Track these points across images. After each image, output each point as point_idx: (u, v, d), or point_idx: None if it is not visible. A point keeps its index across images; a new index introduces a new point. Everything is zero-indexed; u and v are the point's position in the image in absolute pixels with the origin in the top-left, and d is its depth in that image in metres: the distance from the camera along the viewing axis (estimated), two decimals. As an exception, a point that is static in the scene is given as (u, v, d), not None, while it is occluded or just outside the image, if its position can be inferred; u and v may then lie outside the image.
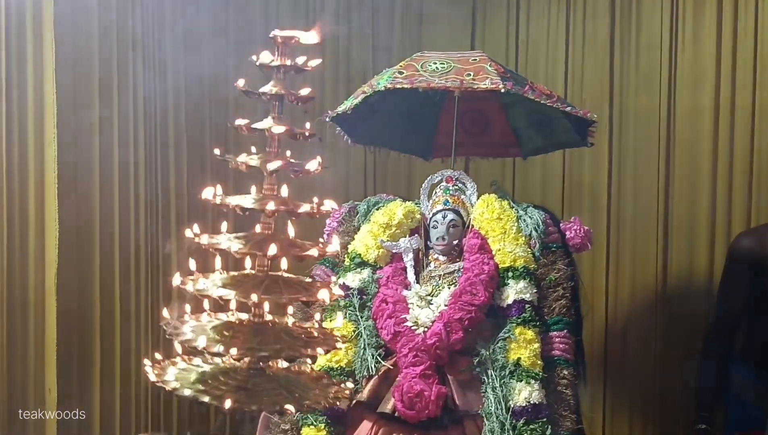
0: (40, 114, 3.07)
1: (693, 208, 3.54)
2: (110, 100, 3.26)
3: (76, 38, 3.13)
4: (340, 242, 2.76)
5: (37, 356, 3.08)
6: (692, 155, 3.54)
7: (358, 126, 3.09)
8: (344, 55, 3.82)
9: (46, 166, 3.08)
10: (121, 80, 3.26)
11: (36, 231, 3.08)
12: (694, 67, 3.52)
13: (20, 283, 3.08)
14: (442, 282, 2.62)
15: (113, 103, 3.26)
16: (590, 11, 3.66)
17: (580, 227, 2.71)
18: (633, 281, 3.64)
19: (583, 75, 3.67)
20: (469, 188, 2.79)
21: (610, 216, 3.64)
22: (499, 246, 2.61)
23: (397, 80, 2.73)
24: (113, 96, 3.26)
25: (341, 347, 1.38)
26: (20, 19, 3.02)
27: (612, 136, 3.63)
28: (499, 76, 2.66)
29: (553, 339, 2.53)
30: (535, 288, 2.57)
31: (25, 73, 3.04)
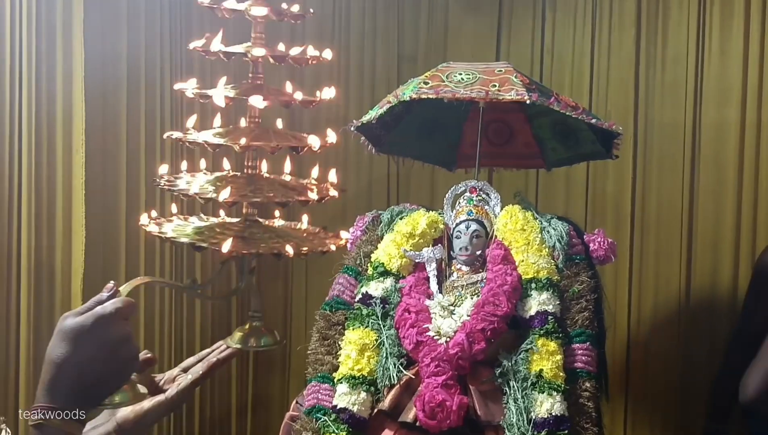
0: (68, 120, 3.11)
1: (717, 221, 3.52)
2: (138, 107, 3.30)
3: (104, 46, 3.17)
4: (363, 251, 2.78)
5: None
6: (717, 169, 3.52)
7: (383, 136, 3.10)
8: (369, 65, 3.84)
9: (74, 172, 3.12)
10: (149, 89, 3.30)
11: (63, 237, 3.12)
12: (721, 80, 3.51)
13: (48, 290, 3.12)
14: (464, 292, 2.62)
15: (140, 106, 3.30)
16: (616, 23, 3.65)
17: (604, 239, 2.70)
18: (656, 294, 3.62)
19: (608, 87, 3.67)
20: (493, 199, 2.79)
21: (633, 228, 3.63)
22: (522, 257, 2.61)
23: (422, 90, 2.73)
24: (140, 100, 3.29)
25: (334, 194, 1.35)
26: (50, 29, 3.06)
27: (636, 149, 3.62)
28: (524, 88, 2.66)
29: (576, 351, 2.52)
30: (558, 299, 2.56)
31: (54, 79, 3.08)
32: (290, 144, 1.32)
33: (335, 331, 2.64)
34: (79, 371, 1.14)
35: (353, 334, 2.56)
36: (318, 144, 1.31)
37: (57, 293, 3.13)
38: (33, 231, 3.08)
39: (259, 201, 1.27)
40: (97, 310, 1.16)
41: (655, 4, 3.60)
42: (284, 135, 1.33)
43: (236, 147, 1.28)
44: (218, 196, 1.24)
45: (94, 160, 3.15)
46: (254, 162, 1.32)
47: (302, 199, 1.30)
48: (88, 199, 3.12)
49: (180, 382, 1.37)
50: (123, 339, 1.17)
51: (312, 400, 2.52)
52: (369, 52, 3.84)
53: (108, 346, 1.15)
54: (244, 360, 3.76)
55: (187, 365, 1.41)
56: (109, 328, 1.15)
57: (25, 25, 3.00)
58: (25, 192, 3.05)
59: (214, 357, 1.39)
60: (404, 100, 2.75)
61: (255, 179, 1.32)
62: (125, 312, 1.18)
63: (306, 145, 1.31)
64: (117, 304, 1.17)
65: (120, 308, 1.17)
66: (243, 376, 3.78)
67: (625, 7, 3.63)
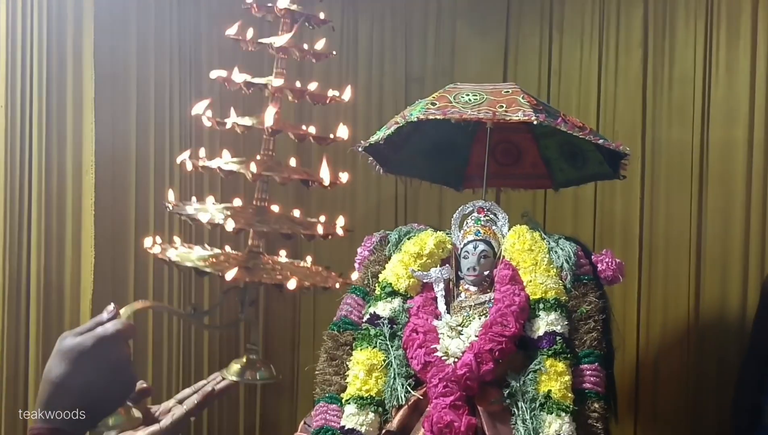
0: (78, 143, 3.13)
1: (726, 241, 3.51)
2: (147, 128, 3.32)
3: (114, 69, 3.20)
4: (371, 271, 2.78)
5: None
6: (725, 188, 3.52)
7: (390, 156, 3.11)
8: (377, 85, 3.86)
9: (84, 193, 3.14)
10: (158, 111, 3.32)
11: (72, 258, 3.14)
12: (728, 100, 3.51)
13: (57, 310, 3.13)
14: (472, 312, 2.62)
15: (150, 131, 3.32)
16: (623, 43, 3.67)
17: (612, 260, 2.70)
18: (665, 315, 3.61)
19: (615, 107, 3.68)
20: (501, 219, 2.79)
21: (642, 249, 3.63)
22: (530, 277, 2.61)
23: (429, 111, 2.74)
24: (150, 126, 3.32)
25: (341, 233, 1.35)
26: (61, 53, 3.09)
27: (644, 169, 3.62)
28: (531, 108, 2.67)
29: (584, 372, 2.51)
30: (566, 320, 2.55)
31: (64, 103, 3.11)
32: (301, 177, 1.32)
33: (343, 351, 2.64)
34: (76, 391, 1.13)
35: (361, 355, 2.56)
36: (328, 179, 1.32)
37: (66, 313, 3.14)
38: (43, 251, 3.09)
39: (265, 231, 1.28)
40: (98, 331, 1.16)
41: (662, 25, 3.61)
42: (296, 169, 1.34)
43: (248, 174, 1.29)
44: (226, 222, 1.25)
45: (104, 183, 3.17)
46: (263, 194, 1.33)
47: (308, 234, 1.30)
48: (97, 220, 3.14)
49: (174, 413, 1.36)
50: (122, 361, 1.17)
51: (320, 421, 2.52)
52: (377, 73, 3.86)
53: (107, 367, 1.15)
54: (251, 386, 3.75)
55: (182, 397, 1.40)
56: (108, 349, 1.15)
57: (36, 47, 3.03)
58: (35, 213, 3.07)
59: (209, 387, 1.38)
60: (412, 121, 2.76)
61: (263, 211, 1.33)
62: (126, 334, 1.17)
63: (317, 179, 1.32)
64: (118, 326, 1.17)
65: (120, 330, 1.16)
66: (251, 397, 3.78)
67: (631, 27, 3.65)
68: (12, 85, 2.99)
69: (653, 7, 3.62)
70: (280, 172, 1.31)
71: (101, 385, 1.15)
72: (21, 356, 3.08)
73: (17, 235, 3.06)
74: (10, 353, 3.05)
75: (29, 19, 3.00)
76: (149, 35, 3.33)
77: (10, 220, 3.02)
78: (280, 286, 1.25)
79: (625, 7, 3.66)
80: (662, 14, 3.62)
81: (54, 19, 3.05)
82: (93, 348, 1.14)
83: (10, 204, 3.03)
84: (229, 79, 1.34)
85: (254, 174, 1.28)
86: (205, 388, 1.38)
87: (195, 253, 1.30)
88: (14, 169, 3.04)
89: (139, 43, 3.29)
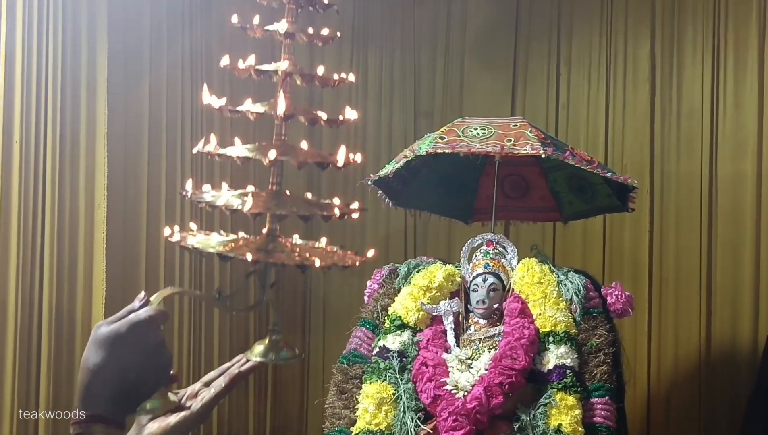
0: (91, 177, 3.16)
1: (736, 273, 3.50)
2: (159, 162, 3.36)
3: (127, 104, 3.24)
4: (381, 304, 2.79)
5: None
6: (734, 220, 3.52)
7: (400, 189, 3.13)
8: (386, 119, 3.90)
9: (96, 227, 3.16)
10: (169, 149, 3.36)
11: (84, 290, 3.15)
12: (736, 133, 3.53)
13: (68, 342, 3.14)
14: (482, 345, 2.62)
15: (161, 169, 3.36)
16: (630, 77, 3.69)
17: (622, 293, 2.70)
18: (676, 348, 3.59)
19: (623, 140, 3.69)
20: (510, 252, 2.80)
21: (651, 281, 3.62)
22: (539, 310, 2.61)
23: (438, 145, 2.76)
24: (162, 162, 3.35)
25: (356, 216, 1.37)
26: (75, 86, 3.13)
27: (653, 202, 3.63)
28: (539, 142, 2.69)
29: (595, 405, 2.50)
30: (576, 353, 2.55)
31: (77, 137, 3.15)
32: (316, 160, 1.35)
33: (352, 384, 2.64)
34: (114, 377, 1.16)
35: (370, 388, 2.56)
36: (343, 160, 1.34)
37: (77, 345, 3.14)
38: (55, 284, 3.11)
39: (283, 214, 1.30)
40: (131, 318, 1.19)
41: (669, 59, 3.64)
42: (310, 152, 1.37)
43: (265, 160, 1.32)
44: (243, 206, 1.27)
45: (115, 217, 3.20)
46: (278, 178, 1.35)
47: (325, 215, 1.33)
48: (108, 254, 3.16)
49: (204, 396, 1.38)
50: (156, 345, 1.19)
51: (330, 455, 2.51)
52: (386, 108, 3.90)
53: (142, 352, 1.18)
54: (261, 417, 3.75)
55: (208, 379, 1.43)
56: (143, 334, 1.18)
57: (51, 80, 3.07)
58: (48, 246, 3.09)
59: (235, 369, 1.41)
60: (421, 155, 2.79)
61: (279, 195, 1.35)
62: (158, 319, 1.20)
63: (331, 161, 1.35)
64: (150, 312, 1.20)
65: (153, 316, 1.19)
66: (260, 432, 3.77)
67: (639, 62, 3.67)
68: (27, 120, 3.03)
69: (660, 42, 3.65)
70: (295, 156, 1.33)
71: (137, 370, 1.17)
72: (32, 385, 3.08)
73: (30, 268, 3.08)
74: (21, 385, 3.05)
75: (44, 55, 3.05)
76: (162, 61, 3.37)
77: (23, 251, 3.05)
78: (301, 266, 1.27)
79: (632, 42, 3.69)
80: (669, 49, 3.65)
81: (68, 53, 3.10)
82: (128, 334, 1.17)
83: (23, 236, 3.05)
84: (237, 66, 1.37)
85: (271, 160, 1.30)
86: (231, 371, 1.40)
87: (213, 240, 1.33)
88: (27, 203, 3.06)
89: (152, 71, 3.34)
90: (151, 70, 3.34)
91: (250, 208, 1.26)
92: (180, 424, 1.35)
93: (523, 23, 3.83)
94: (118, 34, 3.18)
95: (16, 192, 3.02)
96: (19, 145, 3.02)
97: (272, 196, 1.33)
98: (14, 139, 3.01)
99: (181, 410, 1.35)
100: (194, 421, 1.36)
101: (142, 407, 1.24)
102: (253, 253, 1.24)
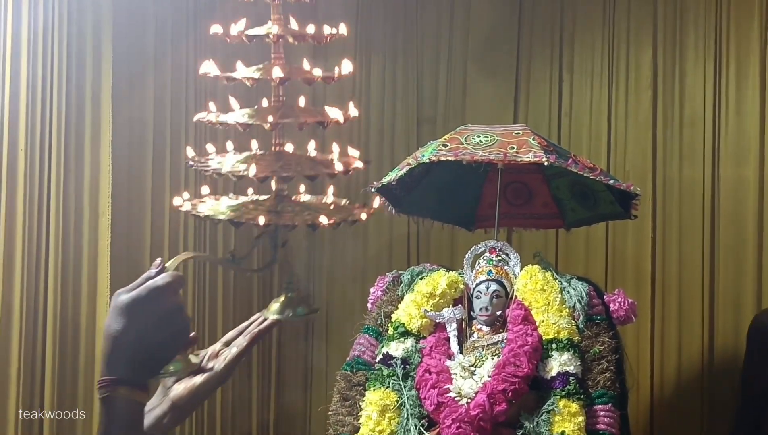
0: (95, 185, 3.18)
1: (738, 280, 3.51)
2: (163, 169, 3.37)
3: (131, 113, 3.26)
4: (384, 311, 2.79)
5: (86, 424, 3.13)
6: (737, 227, 3.53)
7: (402, 197, 3.13)
8: (389, 126, 3.91)
9: (100, 235, 3.17)
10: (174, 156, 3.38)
11: (88, 298, 3.17)
12: (738, 139, 3.54)
13: (72, 350, 3.15)
14: (485, 353, 2.62)
15: (165, 173, 3.37)
16: (633, 84, 3.70)
17: (625, 299, 2.70)
18: (679, 354, 3.59)
19: (626, 147, 3.70)
20: (513, 259, 2.80)
21: (654, 288, 3.62)
22: (542, 317, 2.61)
23: (441, 153, 2.77)
24: (165, 170, 3.37)
25: (360, 166, 1.38)
26: (80, 93, 3.15)
27: (656, 208, 3.64)
28: (542, 150, 2.70)
29: (598, 412, 2.50)
30: (579, 360, 2.55)
31: (82, 146, 3.16)
32: (316, 119, 1.36)
33: (356, 391, 2.65)
34: (136, 342, 1.19)
35: (374, 395, 2.56)
36: (342, 117, 1.35)
37: (81, 353, 3.15)
38: (59, 291, 3.12)
39: (288, 175, 1.32)
40: (150, 284, 1.22)
41: (671, 66, 3.65)
42: (309, 111, 1.38)
43: (266, 125, 1.33)
44: (248, 171, 1.29)
45: (120, 224, 3.21)
46: (280, 140, 1.36)
47: (330, 172, 1.34)
48: (113, 261, 3.17)
49: (226, 356, 1.41)
50: (176, 309, 1.22)
51: (333, 462, 2.52)
52: (389, 115, 3.91)
53: (162, 316, 1.20)
54: (264, 425, 3.76)
55: (228, 339, 1.46)
56: (161, 299, 1.21)
57: (55, 89, 3.08)
58: (53, 254, 3.10)
59: (255, 329, 1.43)
60: (424, 162, 2.80)
61: (283, 156, 1.36)
62: (176, 284, 1.23)
63: (331, 119, 1.36)
64: (167, 278, 1.23)
65: (170, 281, 1.22)
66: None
67: (641, 69, 3.68)
68: (32, 129, 3.04)
69: (662, 49, 3.66)
70: (296, 117, 1.34)
71: (158, 334, 1.20)
72: (36, 394, 3.09)
73: (35, 276, 3.09)
74: (25, 391, 3.06)
75: (49, 64, 3.07)
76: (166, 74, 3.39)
77: (27, 259, 3.06)
78: (312, 225, 1.29)
79: (635, 49, 3.70)
80: (671, 56, 3.66)
81: (73, 64, 3.11)
82: (147, 299, 1.20)
83: (28, 244, 3.06)
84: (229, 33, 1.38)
85: (272, 123, 1.32)
86: (252, 330, 1.43)
87: (223, 205, 1.35)
88: (32, 211, 3.08)
89: (156, 82, 3.35)
90: (155, 76, 3.35)
91: (255, 173, 1.28)
92: (205, 384, 1.39)
93: (526, 30, 3.84)
94: (123, 41, 3.19)
95: (21, 199, 3.04)
96: (24, 154, 3.03)
97: (276, 157, 1.35)
98: (19, 148, 3.02)
99: (203, 371, 1.38)
100: (218, 380, 1.41)
101: (165, 370, 1.27)
102: (264, 215, 1.26)
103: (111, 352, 1.19)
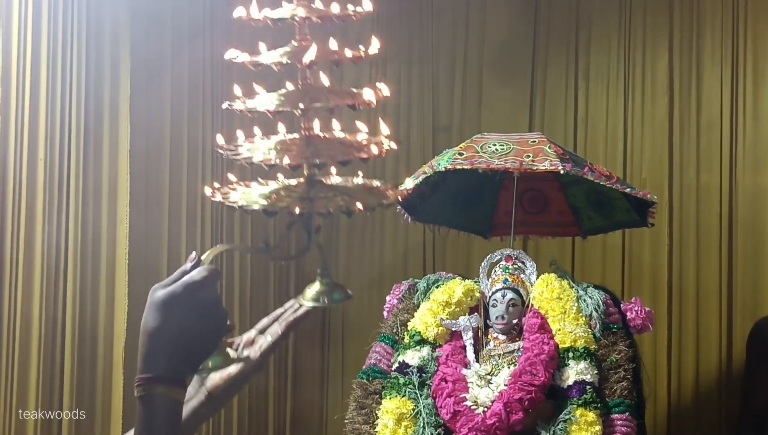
0: (114, 193, 3.20)
1: (756, 287, 3.49)
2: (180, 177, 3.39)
3: (149, 120, 3.28)
4: (400, 320, 2.80)
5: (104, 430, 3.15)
6: (754, 234, 3.51)
7: (418, 205, 3.14)
8: (405, 135, 3.91)
9: (118, 242, 3.20)
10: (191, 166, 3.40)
11: (106, 306, 3.19)
12: (756, 145, 3.52)
13: (90, 357, 3.17)
14: (501, 361, 2.62)
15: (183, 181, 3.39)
16: (649, 90, 3.69)
17: (642, 308, 2.69)
18: (696, 363, 3.57)
19: (642, 154, 3.69)
20: (529, 267, 2.80)
21: (671, 296, 3.61)
22: (559, 326, 2.61)
23: (457, 161, 2.78)
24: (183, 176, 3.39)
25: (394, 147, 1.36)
26: (98, 102, 3.18)
27: (672, 216, 3.62)
28: (558, 158, 2.70)
29: (615, 422, 2.50)
30: (596, 369, 2.55)
31: (100, 153, 3.19)
32: (346, 102, 1.34)
33: (372, 400, 2.65)
34: (173, 338, 1.18)
35: (390, 404, 2.57)
36: (374, 97, 1.34)
37: (99, 361, 3.17)
38: (78, 300, 3.14)
39: (321, 162, 1.31)
40: (186, 278, 1.21)
41: (688, 72, 3.64)
42: (338, 92, 1.36)
43: (297, 111, 1.32)
44: (281, 162, 1.27)
45: (138, 232, 3.23)
46: (309, 123, 1.35)
47: (364, 157, 1.32)
48: (131, 269, 3.19)
49: (261, 344, 1.40)
50: (213, 303, 1.21)
51: (350, 471, 2.52)
52: (404, 123, 3.91)
53: (199, 311, 1.20)
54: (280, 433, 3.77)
55: (262, 326, 1.45)
56: (198, 294, 1.20)
57: (74, 98, 3.11)
58: (71, 261, 3.13)
59: (291, 316, 1.42)
60: (440, 171, 2.80)
61: (313, 141, 1.35)
62: (212, 278, 1.22)
63: (362, 101, 1.35)
64: (203, 272, 1.22)
65: (206, 276, 1.21)
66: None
67: (657, 75, 3.67)
68: (51, 138, 3.07)
69: (678, 55, 3.65)
70: (325, 100, 1.32)
71: (196, 329, 1.19)
72: (55, 401, 3.11)
73: (54, 284, 3.11)
74: (44, 399, 3.09)
75: (68, 75, 3.09)
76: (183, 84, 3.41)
77: (47, 267, 3.08)
78: (347, 211, 1.27)
79: (651, 55, 3.69)
80: (688, 61, 3.64)
81: (92, 72, 3.14)
82: (183, 294, 1.19)
83: (47, 252, 3.09)
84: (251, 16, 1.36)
85: (303, 109, 1.30)
86: (287, 318, 1.42)
87: (255, 193, 1.33)
88: (51, 218, 3.10)
89: (174, 92, 3.37)
90: (172, 85, 3.38)
91: (288, 162, 1.26)
92: (241, 373, 1.38)
93: (541, 37, 3.84)
94: (140, 50, 3.22)
95: (41, 208, 3.06)
96: (43, 163, 3.06)
97: (307, 143, 1.33)
98: (39, 157, 3.05)
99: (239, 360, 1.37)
100: (254, 369, 1.40)
101: (204, 365, 1.27)
102: (297, 204, 1.26)
103: (148, 349, 1.19)
